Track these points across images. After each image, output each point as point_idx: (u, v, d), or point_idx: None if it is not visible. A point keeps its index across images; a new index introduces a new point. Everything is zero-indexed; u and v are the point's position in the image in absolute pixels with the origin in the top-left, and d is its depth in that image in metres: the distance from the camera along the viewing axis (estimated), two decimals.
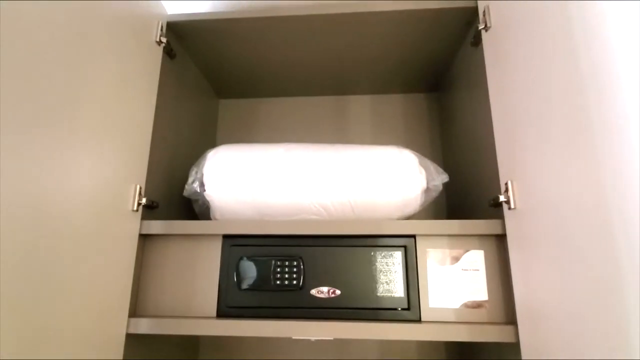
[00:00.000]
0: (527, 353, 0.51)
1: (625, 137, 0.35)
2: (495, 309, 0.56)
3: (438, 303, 0.58)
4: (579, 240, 0.42)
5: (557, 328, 0.45)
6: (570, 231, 0.44)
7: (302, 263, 0.60)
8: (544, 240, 0.48)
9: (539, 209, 0.49)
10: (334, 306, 0.59)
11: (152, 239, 0.64)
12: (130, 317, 0.59)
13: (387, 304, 0.58)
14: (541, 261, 0.49)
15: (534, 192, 0.50)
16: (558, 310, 0.45)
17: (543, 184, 0.49)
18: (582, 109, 0.40)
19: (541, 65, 0.48)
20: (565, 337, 0.44)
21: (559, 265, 0.45)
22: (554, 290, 0.46)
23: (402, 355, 0.85)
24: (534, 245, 0.50)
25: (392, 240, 0.60)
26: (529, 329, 0.51)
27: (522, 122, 0.53)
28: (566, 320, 0.44)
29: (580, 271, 0.41)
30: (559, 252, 0.45)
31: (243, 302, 0.60)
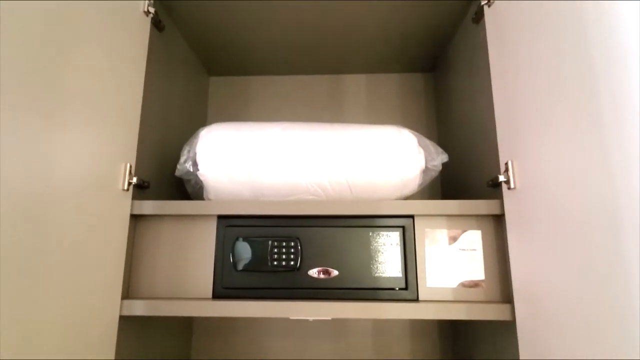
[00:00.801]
0: (523, 332, 0.52)
1: (633, 119, 0.34)
2: (491, 288, 0.57)
3: (435, 282, 0.58)
4: (578, 221, 0.42)
5: (554, 307, 0.46)
6: (569, 212, 0.44)
7: (299, 244, 0.59)
8: (542, 220, 0.48)
9: (539, 189, 0.49)
10: (331, 286, 0.58)
11: (144, 219, 0.62)
12: (124, 299, 0.58)
13: (385, 284, 0.58)
14: (539, 241, 0.49)
15: (535, 173, 0.50)
16: (555, 290, 0.46)
17: (544, 165, 0.48)
18: (589, 89, 0.39)
19: (547, 43, 0.47)
20: (562, 316, 0.44)
21: (557, 246, 0.45)
22: (551, 270, 0.46)
23: (396, 335, 0.86)
24: (533, 226, 0.50)
25: (390, 220, 0.60)
26: (525, 308, 0.52)
27: (524, 102, 0.52)
28: (563, 300, 0.44)
29: (578, 252, 0.41)
30: (557, 233, 0.46)
31: (239, 283, 0.59)
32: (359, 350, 0.86)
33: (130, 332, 0.61)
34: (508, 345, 0.56)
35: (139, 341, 0.65)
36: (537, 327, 0.49)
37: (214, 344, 0.88)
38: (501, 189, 0.56)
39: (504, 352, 0.58)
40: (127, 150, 0.59)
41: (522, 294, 0.52)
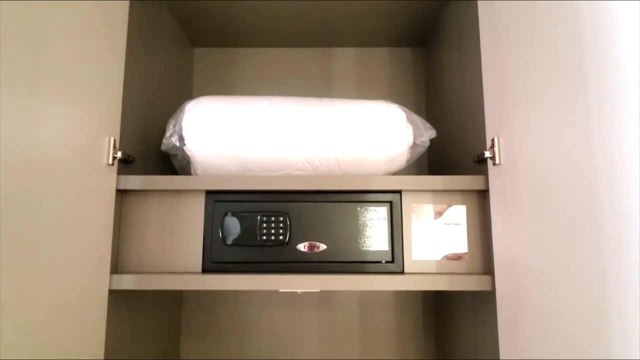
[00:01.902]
0: (502, 302, 0.54)
1: (619, 102, 0.35)
2: (474, 260, 0.59)
3: (420, 256, 0.60)
4: (560, 197, 0.43)
5: (532, 279, 0.48)
6: (551, 188, 0.45)
7: (288, 218, 0.60)
8: (525, 196, 0.50)
9: (523, 165, 0.51)
10: (320, 260, 0.60)
11: (131, 194, 0.61)
12: (113, 274, 0.58)
13: (372, 257, 0.60)
14: (521, 216, 0.51)
15: (520, 149, 0.51)
16: (534, 263, 0.48)
17: (529, 141, 0.49)
18: (578, 69, 0.39)
19: (539, 20, 0.46)
20: (540, 286, 0.47)
21: (538, 221, 0.47)
22: (531, 244, 0.48)
23: (381, 307, 0.89)
24: (515, 201, 0.52)
25: (378, 195, 0.61)
26: (505, 279, 0.54)
27: (513, 79, 0.52)
28: (541, 272, 0.46)
29: (559, 227, 0.43)
30: (539, 208, 0.47)
31: (229, 257, 0.60)
32: (345, 321, 0.89)
33: (120, 307, 0.62)
34: (487, 315, 0.59)
35: (129, 315, 0.65)
36: (515, 298, 0.52)
37: (204, 318, 0.90)
38: (486, 165, 0.57)
39: (484, 322, 0.61)
40: (110, 123, 0.58)
41: (502, 266, 0.55)
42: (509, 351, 0.53)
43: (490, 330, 0.58)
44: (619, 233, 0.35)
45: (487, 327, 0.59)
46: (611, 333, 0.36)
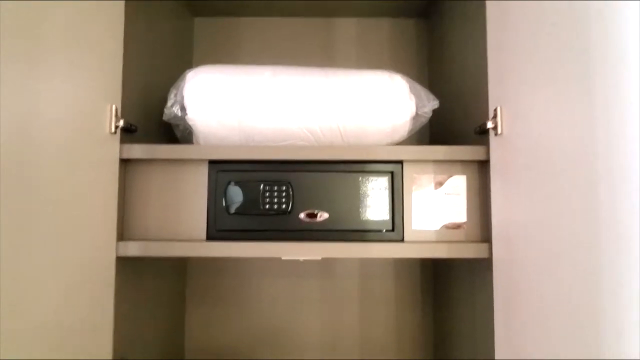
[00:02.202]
0: (498, 269, 0.56)
1: (622, 77, 0.35)
2: (472, 229, 0.60)
3: (420, 225, 0.61)
4: (559, 169, 0.44)
5: (530, 246, 0.49)
6: (551, 160, 0.46)
7: (290, 188, 0.61)
8: (525, 166, 0.51)
9: (524, 136, 0.51)
10: (321, 229, 0.61)
11: (134, 164, 0.62)
12: (119, 241, 0.59)
13: (373, 226, 0.61)
14: (521, 186, 0.52)
15: (521, 120, 0.51)
16: (532, 231, 0.49)
17: (531, 112, 0.49)
18: (584, 44, 0.39)
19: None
20: (537, 254, 0.48)
21: (537, 192, 0.48)
22: (529, 214, 0.50)
23: (380, 277, 0.92)
24: (515, 171, 0.53)
25: (380, 166, 0.61)
26: (502, 247, 0.56)
27: (517, 50, 0.52)
28: (539, 240, 0.48)
29: (557, 197, 0.44)
30: (538, 179, 0.48)
31: (232, 225, 0.61)
32: (345, 289, 0.92)
33: (128, 274, 0.64)
34: (484, 283, 0.61)
35: (135, 282, 0.67)
36: (512, 265, 0.53)
37: (208, 286, 0.92)
38: (488, 136, 0.58)
39: (480, 289, 0.63)
40: (111, 91, 0.57)
41: (500, 234, 0.56)
42: (503, 317, 0.55)
43: (486, 297, 0.60)
44: (616, 205, 0.36)
45: (483, 293, 0.61)
46: (605, 299, 0.38)
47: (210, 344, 0.92)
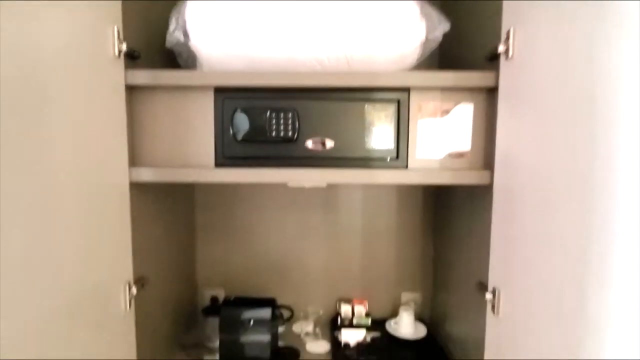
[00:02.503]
0: (498, 195, 0.58)
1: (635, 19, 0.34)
2: (475, 157, 0.61)
3: (424, 154, 0.62)
4: (568, 98, 0.43)
5: (530, 173, 0.51)
6: (561, 89, 0.45)
7: (296, 115, 0.61)
8: (533, 94, 0.50)
9: (536, 62, 0.50)
10: (327, 156, 0.62)
11: (139, 91, 0.61)
12: (131, 167, 0.61)
13: (378, 155, 0.62)
14: (527, 114, 0.51)
15: (534, 43, 0.50)
16: (534, 159, 0.50)
17: (545, 38, 0.48)
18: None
19: None
20: (536, 181, 0.49)
21: (543, 120, 0.48)
22: (533, 141, 0.50)
23: (383, 210, 0.95)
24: (523, 98, 0.52)
25: (387, 94, 0.61)
26: (503, 173, 0.57)
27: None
28: (539, 168, 0.48)
29: (562, 127, 0.44)
30: (545, 108, 0.48)
31: (240, 152, 0.62)
32: (348, 222, 0.95)
33: (141, 199, 0.67)
34: (483, 210, 0.63)
35: (149, 208, 0.70)
36: (511, 191, 0.55)
37: (216, 218, 0.96)
38: (498, 62, 0.56)
39: (480, 216, 0.66)
40: (112, 12, 0.56)
41: (502, 162, 0.57)
42: (499, 242, 0.58)
43: (484, 223, 0.63)
44: (616, 141, 0.37)
45: (482, 219, 0.64)
46: (597, 228, 0.39)
47: (219, 273, 0.98)
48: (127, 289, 0.60)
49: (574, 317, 0.41)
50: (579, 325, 0.40)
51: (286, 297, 0.98)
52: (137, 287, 0.63)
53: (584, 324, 0.40)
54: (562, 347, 0.43)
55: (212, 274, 0.98)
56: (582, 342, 0.40)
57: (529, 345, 0.50)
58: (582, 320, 0.40)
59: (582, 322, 0.40)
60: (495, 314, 0.58)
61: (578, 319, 0.41)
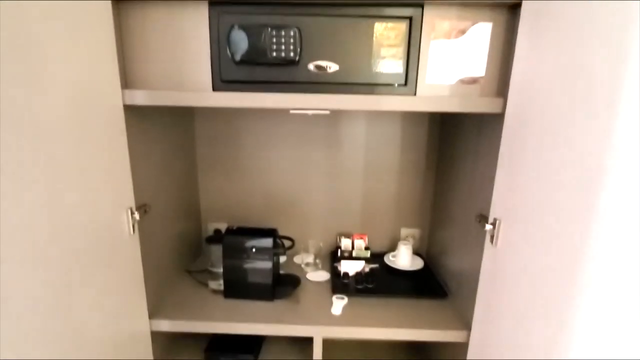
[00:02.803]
0: (509, 124, 0.55)
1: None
2: (489, 84, 0.58)
3: (435, 79, 0.58)
4: (594, 17, 0.39)
5: (544, 102, 0.47)
6: (586, 9, 0.40)
7: (298, 34, 0.56)
8: (560, 10, 0.45)
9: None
10: (331, 81, 0.59)
11: (127, 5, 0.56)
12: (124, 89, 0.58)
13: (385, 80, 0.58)
14: (550, 34, 0.47)
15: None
16: (551, 86, 0.46)
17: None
18: None
19: None
20: (549, 110, 0.46)
21: (564, 43, 0.44)
22: (553, 65, 0.46)
23: (386, 147, 0.93)
24: (548, 15, 0.47)
25: (398, 10, 0.55)
26: (516, 102, 0.54)
27: None
28: (555, 96, 0.45)
29: (579, 53, 0.40)
30: (569, 29, 0.43)
31: (239, 76, 0.59)
32: (351, 159, 0.94)
33: (136, 122, 0.64)
34: (491, 140, 0.61)
35: (147, 133, 0.68)
36: (522, 120, 0.52)
37: (218, 155, 0.95)
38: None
39: (487, 146, 0.64)
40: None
41: (517, 88, 0.53)
42: (505, 172, 0.56)
43: (492, 154, 0.61)
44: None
45: (489, 150, 0.62)
46: (605, 167, 0.37)
47: (223, 208, 0.99)
48: (129, 214, 0.60)
49: (570, 252, 0.41)
50: (576, 259, 0.40)
51: (288, 231, 1.00)
52: (139, 214, 0.63)
53: (580, 258, 0.39)
54: (555, 281, 0.43)
55: (216, 208, 1.00)
56: (578, 275, 0.40)
57: (522, 276, 0.50)
58: (578, 255, 0.40)
59: (579, 257, 0.40)
60: (494, 245, 0.59)
61: (575, 253, 0.40)
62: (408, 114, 0.91)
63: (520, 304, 0.50)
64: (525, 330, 0.49)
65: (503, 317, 0.55)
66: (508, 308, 0.54)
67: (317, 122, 0.92)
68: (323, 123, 0.92)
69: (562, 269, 0.42)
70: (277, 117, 0.92)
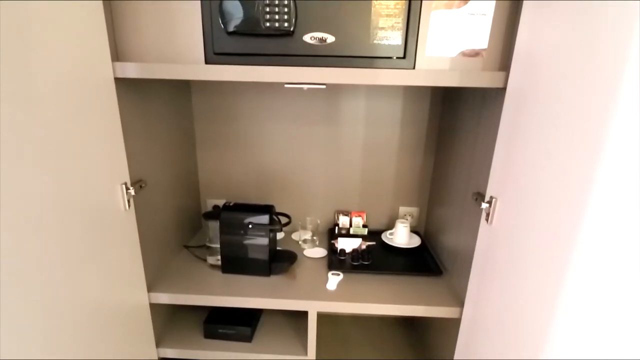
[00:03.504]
0: (510, 99, 0.53)
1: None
2: (491, 57, 0.56)
3: (435, 52, 0.56)
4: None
5: (546, 76, 0.45)
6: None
7: (293, 3, 0.54)
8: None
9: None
10: (327, 54, 0.57)
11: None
12: (115, 62, 0.57)
13: (383, 52, 0.56)
14: (556, 5, 0.44)
15: None
16: (556, 62, 0.44)
17: None
18: None
19: None
20: (551, 84, 0.44)
21: (572, 17, 0.41)
22: (559, 37, 0.44)
23: (386, 124, 0.91)
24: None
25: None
26: (519, 76, 0.52)
27: None
28: (558, 71, 0.43)
29: (587, 28, 0.38)
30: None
31: (232, 48, 0.57)
32: (350, 133, 0.92)
33: (131, 98, 0.63)
34: (491, 116, 0.60)
35: (141, 108, 0.67)
36: (523, 98, 0.50)
37: (215, 129, 0.94)
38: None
39: (487, 122, 0.62)
40: None
41: (520, 62, 0.51)
42: (503, 149, 0.55)
43: (491, 129, 0.59)
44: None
45: (489, 126, 0.60)
46: (606, 146, 0.35)
47: (221, 185, 0.99)
48: (124, 189, 0.60)
49: (564, 233, 0.40)
50: (569, 240, 0.39)
51: (287, 208, 1.00)
52: (135, 189, 0.63)
53: (574, 239, 0.39)
54: (548, 261, 0.43)
55: (215, 184, 0.99)
56: (570, 256, 0.39)
57: (515, 255, 0.50)
58: (571, 236, 0.39)
59: (572, 238, 0.39)
60: (489, 224, 0.58)
61: (568, 234, 0.39)
62: (409, 89, 0.89)
63: (513, 282, 0.50)
64: (516, 308, 0.49)
65: (495, 295, 0.55)
66: (501, 286, 0.54)
67: (316, 97, 0.90)
68: (322, 98, 0.90)
69: (555, 249, 0.42)
70: (275, 92, 0.90)
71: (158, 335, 0.77)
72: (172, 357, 0.76)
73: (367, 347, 1.00)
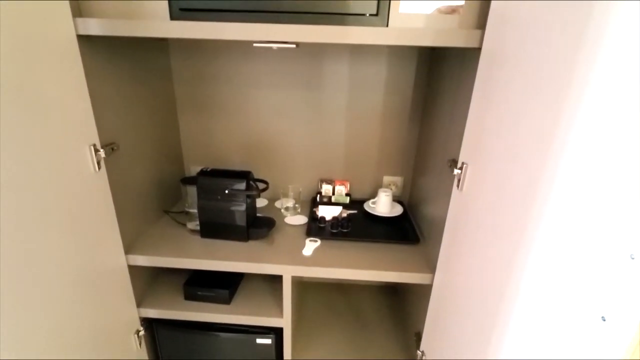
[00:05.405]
0: (485, 57, 0.51)
1: None
2: (469, 14, 0.53)
3: (410, 8, 0.53)
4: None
5: (521, 33, 0.42)
6: None
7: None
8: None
9: None
10: (296, 10, 0.54)
11: None
12: (77, 17, 0.54)
13: (355, 9, 0.53)
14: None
15: None
16: (531, 21, 0.41)
17: None
18: None
19: None
20: (526, 42, 0.41)
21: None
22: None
23: (371, 90, 0.88)
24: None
25: None
26: (494, 35, 0.49)
27: None
28: (532, 28, 0.40)
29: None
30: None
31: (198, 4, 0.54)
32: (334, 99, 0.90)
33: (99, 58, 0.62)
34: (467, 78, 0.57)
35: (109, 68, 0.65)
36: (498, 54, 0.47)
37: (197, 94, 0.92)
38: None
39: (464, 84, 0.60)
40: None
41: (495, 18, 0.48)
42: (477, 113, 0.53)
43: (467, 92, 0.57)
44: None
45: (465, 88, 0.58)
46: (574, 117, 0.33)
47: (204, 152, 0.98)
48: (92, 151, 0.60)
49: (530, 200, 0.39)
50: (537, 206, 0.38)
51: (270, 176, 0.99)
52: (105, 151, 0.62)
53: (542, 203, 0.37)
54: (512, 228, 0.42)
55: (198, 151, 0.99)
56: (537, 219, 0.38)
57: (483, 222, 0.49)
58: (537, 205, 0.38)
59: (540, 202, 0.38)
60: (459, 190, 0.57)
61: (536, 199, 0.38)
62: (394, 52, 0.85)
63: (480, 249, 0.50)
64: (482, 274, 0.49)
65: (464, 260, 0.55)
66: (469, 252, 0.54)
67: (297, 61, 0.87)
68: (304, 62, 0.87)
69: (523, 215, 0.41)
70: (256, 55, 0.87)
71: (139, 296, 0.78)
72: (153, 317, 0.79)
73: (350, 314, 1.03)
